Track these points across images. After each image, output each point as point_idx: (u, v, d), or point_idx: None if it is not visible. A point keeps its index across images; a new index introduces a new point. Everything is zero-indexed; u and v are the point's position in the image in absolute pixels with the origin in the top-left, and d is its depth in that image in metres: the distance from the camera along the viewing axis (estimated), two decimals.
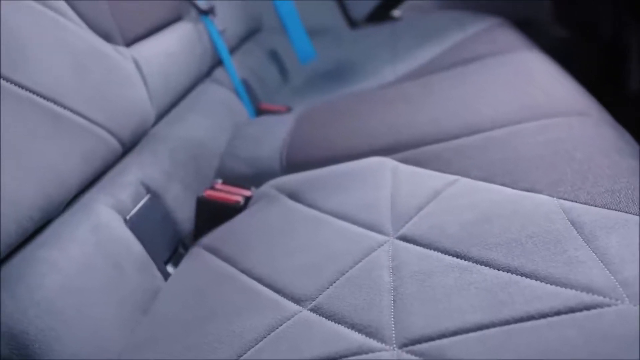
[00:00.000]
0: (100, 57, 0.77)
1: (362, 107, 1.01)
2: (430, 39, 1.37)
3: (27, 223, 0.59)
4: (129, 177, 0.79)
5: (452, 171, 0.73)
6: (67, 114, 0.68)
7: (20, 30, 0.65)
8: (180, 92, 1.02)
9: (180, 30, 1.06)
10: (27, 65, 0.64)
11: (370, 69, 1.32)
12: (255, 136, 1.01)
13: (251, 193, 0.86)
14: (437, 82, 1.04)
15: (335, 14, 1.77)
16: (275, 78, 1.44)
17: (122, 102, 0.79)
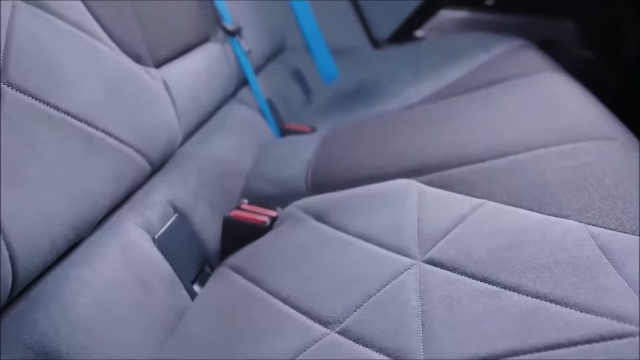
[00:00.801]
0: (131, 79, 0.78)
1: (387, 128, 1.01)
2: (453, 60, 1.37)
3: (60, 242, 0.60)
4: (157, 197, 0.80)
5: (478, 195, 0.74)
6: (99, 135, 0.69)
7: (59, 54, 0.66)
8: (207, 112, 1.03)
9: (207, 51, 1.08)
10: (63, 87, 0.65)
11: (393, 89, 1.33)
12: (281, 156, 1.02)
13: (277, 213, 0.86)
14: (462, 104, 1.04)
15: (359, 33, 1.79)
16: (298, 98, 1.45)
17: (152, 123, 0.80)
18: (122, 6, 0.82)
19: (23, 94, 0.60)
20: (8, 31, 0.61)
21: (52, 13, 0.69)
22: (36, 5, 0.67)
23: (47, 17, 0.68)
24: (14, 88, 0.59)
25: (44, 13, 0.68)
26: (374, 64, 1.59)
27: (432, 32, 1.84)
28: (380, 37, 1.80)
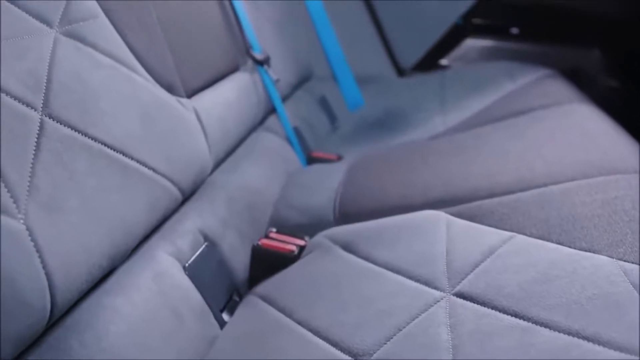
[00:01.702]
0: (165, 109, 0.80)
1: (414, 158, 1.02)
2: (479, 89, 1.38)
3: (96, 271, 0.61)
4: (188, 225, 0.81)
5: (507, 227, 0.74)
6: (134, 165, 0.70)
7: (97, 86, 0.68)
8: (236, 141, 1.05)
9: (237, 80, 1.10)
10: (100, 118, 0.67)
11: (419, 118, 1.34)
12: (308, 185, 1.02)
13: (305, 242, 0.87)
14: (489, 134, 1.04)
15: (384, 62, 1.80)
16: (325, 126, 1.46)
17: (184, 152, 0.82)
18: (156, 37, 0.84)
19: (63, 126, 0.62)
20: (50, 64, 0.63)
21: (91, 45, 0.71)
22: (76, 38, 0.69)
23: (85, 49, 0.70)
24: (55, 120, 0.61)
25: (83, 46, 0.69)
26: (399, 93, 1.60)
27: (456, 61, 1.85)
28: (405, 66, 1.81)
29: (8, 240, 0.52)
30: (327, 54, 1.62)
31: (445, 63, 1.86)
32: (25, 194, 0.55)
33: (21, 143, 0.57)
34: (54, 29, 0.66)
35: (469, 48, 1.83)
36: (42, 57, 0.63)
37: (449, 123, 1.25)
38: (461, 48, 1.83)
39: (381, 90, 1.67)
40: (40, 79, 0.61)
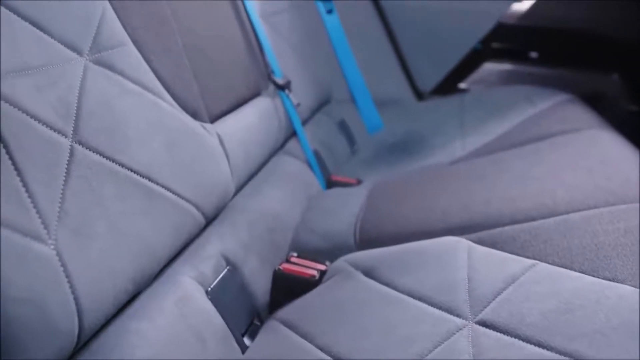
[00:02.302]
0: (189, 135, 0.81)
1: (434, 183, 1.02)
2: (498, 113, 1.38)
3: (122, 295, 0.62)
4: (210, 249, 0.82)
5: (529, 255, 0.74)
6: (159, 190, 0.72)
7: (125, 113, 0.70)
8: (258, 165, 1.06)
9: (259, 105, 1.11)
10: (127, 145, 0.68)
11: (439, 142, 1.34)
12: (329, 209, 1.03)
13: (326, 267, 0.88)
14: (510, 160, 1.05)
15: (403, 85, 1.81)
16: (344, 149, 1.47)
17: (207, 177, 0.83)
18: (182, 64, 0.86)
19: (92, 152, 0.63)
20: (80, 92, 0.65)
21: (119, 73, 0.72)
22: (105, 65, 0.70)
23: (114, 77, 0.71)
24: (85, 147, 0.63)
25: (111, 73, 0.71)
26: (418, 116, 1.61)
27: (475, 84, 1.85)
28: (424, 89, 1.82)
29: (39, 265, 0.53)
30: (347, 77, 1.64)
31: (464, 86, 1.87)
32: (56, 220, 0.56)
33: (52, 169, 0.58)
34: (84, 57, 0.68)
35: (488, 72, 1.83)
36: (72, 84, 0.65)
37: (469, 147, 1.26)
38: (480, 72, 1.84)
39: (400, 113, 1.68)
40: (70, 106, 0.63)
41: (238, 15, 1.14)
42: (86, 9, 0.70)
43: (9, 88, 0.56)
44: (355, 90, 1.65)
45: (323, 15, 1.61)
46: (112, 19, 0.74)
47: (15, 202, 0.53)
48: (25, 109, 0.57)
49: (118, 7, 0.76)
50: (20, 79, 0.58)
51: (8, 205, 0.52)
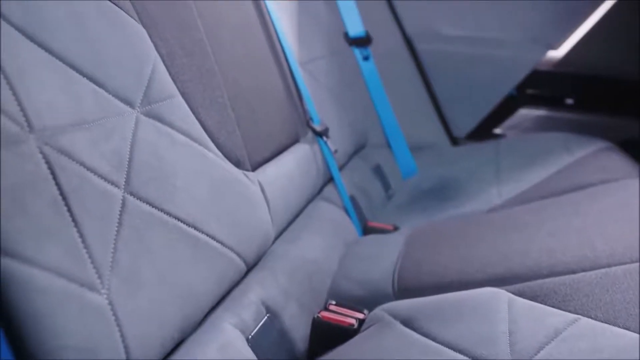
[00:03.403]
0: (232, 183, 0.83)
1: (472, 232, 1.03)
2: (535, 160, 1.39)
3: (168, 343, 0.64)
4: (251, 296, 0.83)
5: (571, 309, 0.73)
6: (204, 238, 0.73)
7: (173, 163, 0.72)
8: (297, 211, 1.08)
9: (297, 151, 1.13)
10: (175, 194, 0.71)
11: (475, 189, 1.35)
12: (367, 256, 1.04)
13: (364, 316, 0.88)
14: (548, 209, 1.04)
15: (437, 130, 1.83)
16: (379, 194, 1.48)
17: (249, 224, 0.85)
18: (226, 115, 0.89)
19: (143, 202, 0.66)
20: (132, 144, 0.67)
21: (168, 124, 0.75)
22: (155, 117, 0.73)
23: (163, 128, 0.74)
24: (136, 197, 0.65)
25: (161, 125, 0.74)
26: (453, 162, 1.61)
27: (510, 130, 1.86)
28: (459, 134, 1.83)
29: (93, 314, 0.54)
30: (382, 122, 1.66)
31: (499, 132, 1.87)
32: (109, 270, 0.58)
33: (106, 220, 0.60)
34: (135, 110, 0.71)
35: (523, 117, 1.84)
36: (125, 137, 0.67)
37: (505, 195, 1.26)
38: (515, 117, 1.84)
39: (435, 158, 1.69)
40: (123, 158, 0.65)
41: (279, 64, 1.17)
42: (139, 63, 0.74)
43: (68, 142, 0.58)
44: (391, 135, 1.66)
45: (359, 61, 1.64)
46: (162, 73, 0.77)
47: (72, 253, 0.55)
48: (82, 162, 0.59)
49: (168, 61, 0.79)
50: (78, 133, 0.60)
51: (66, 257, 0.54)
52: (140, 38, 0.75)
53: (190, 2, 0.88)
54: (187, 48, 0.84)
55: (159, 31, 0.79)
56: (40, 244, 0.52)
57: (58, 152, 0.57)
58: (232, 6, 1.04)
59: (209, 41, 0.91)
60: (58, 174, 0.56)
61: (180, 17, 0.85)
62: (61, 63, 0.62)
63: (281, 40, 1.21)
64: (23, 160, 0.53)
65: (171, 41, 0.81)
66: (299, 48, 1.33)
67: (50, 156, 0.56)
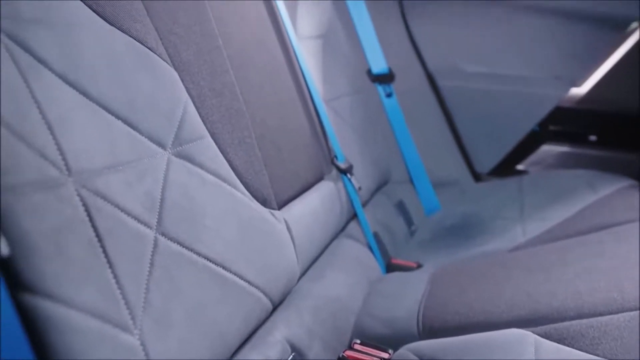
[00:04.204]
0: (260, 222, 0.85)
1: (497, 271, 1.02)
2: (559, 198, 1.38)
3: None
4: (277, 335, 0.83)
5: (599, 353, 0.73)
6: (232, 278, 0.74)
7: (203, 203, 0.73)
8: (321, 249, 1.08)
9: (322, 189, 1.14)
10: (205, 234, 0.72)
11: (498, 227, 1.34)
12: (391, 295, 1.04)
13: (389, 356, 0.88)
14: (574, 249, 1.04)
15: (460, 166, 1.83)
16: (402, 230, 1.49)
17: (275, 263, 0.86)
18: (254, 155, 0.90)
19: (173, 243, 0.67)
20: (163, 185, 0.69)
21: (198, 165, 0.76)
22: (185, 158, 0.75)
23: (194, 169, 0.75)
24: (167, 237, 0.66)
25: (191, 165, 0.75)
26: (476, 198, 1.62)
27: (533, 166, 1.86)
28: (481, 171, 1.83)
29: (125, 355, 0.55)
30: (405, 158, 1.67)
31: (522, 168, 1.87)
32: (141, 310, 0.59)
33: (139, 261, 0.61)
34: (167, 151, 0.72)
35: (546, 154, 1.84)
36: (157, 178, 0.69)
37: (529, 233, 1.25)
38: (538, 153, 1.84)
39: (458, 194, 1.69)
40: (155, 199, 0.67)
41: (304, 102, 1.19)
42: (171, 105, 0.76)
43: (103, 184, 0.60)
44: (413, 171, 1.68)
45: (382, 98, 1.66)
46: (193, 114, 0.79)
47: (107, 294, 0.56)
48: (117, 204, 0.61)
49: (198, 103, 0.81)
50: (113, 175, 0.62)
51: (101, 298, 0.55)
52: (172, 81, 0.77)
53: (220, 46, 0.90)
54: (217, 89, 0.86)
55: (190, 74, 0.82)
56: (77, 285, 0.53)
57: (94, 194, 0.58)
58: (260, 47, 1.06)
59: (238, 82, 0.93)
60: (94, 216, 0.57)
61: (211, 60, 0.87)
62: (98, 107, 0.64)
63: (306, 78, 1.23)
64: (62, 203, 0.55)
65: (202, 83, 0.83)
66: (323, 86, 1.35)
67: (87, 199, 0.57)
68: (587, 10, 1.63)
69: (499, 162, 1.81)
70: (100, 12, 0.69)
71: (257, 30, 1.08)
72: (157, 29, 0.79)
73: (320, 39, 1.43)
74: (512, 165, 1.86)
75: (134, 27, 0.73)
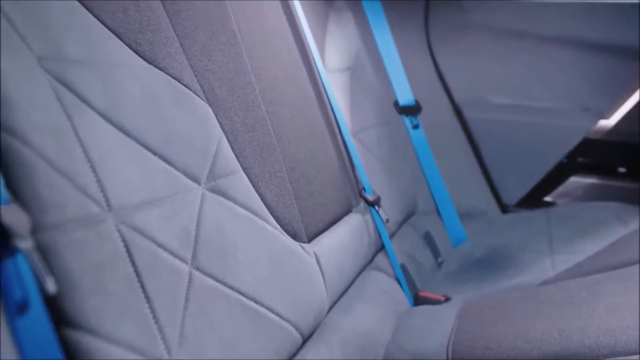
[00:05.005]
0: (290, 256, 0.86)
1: (527, 306, 1.02)
2: (589, 231, 1.37)
3: None
4: None
5: None
6: (264, 312, 0.75)
7: (235, 237, 0.75)
8: (350, 281, 1.09)
9: (350, 221, 1.15)
10: (237, 268, 0.73)
11: (527, 260, 1.33)
12: (420, 329, 1.04)
13: None
14: (605, 285, 1.03)
15: (487, 198, 1.82)
16: (429, 261, 1.48)
17: (305, 296, 0.86)
18: (285, 188, 0.91)
19: (207, 277, 0.68)
20: (198, 219, 0.70)
21: (231, 199, 0.78)
22: (219, 193, 0.76)
23: (227, 203, 0.77)
24: (201, 272, 0.67)
25: (224, 200, 0.77)
26: (504, 230, 1.61)
27: (561, 198, 1.84)
28: (509, 202, 1.82)
29: None
30: (431, 189, 1.67)
31: (550, 200, 1.86)
32: (177, 344, 0.60)
33: (175, 296, 0.63)
34: (201, 186, 0.74)
35: (574, 185, 1.82)
36: (192, 212, 0.70)
37: (559, 267, 1.24)
38: (566, 185, 1.83)
39: (485, 226, 1.68)
40: (190, 233, 0.68)
41: (332, 135, 1.21)
42: (205, 140, 0.77)
43: (141, 220, 0.61)
44: (440, 203, 1.67)
45: (409, 130, 1.67)
46: (226, 149, 0.81)
47: (145, 329, 0.57)
48: (154, 239, 0.62)
49: (232, 138, 0.83)
50: (150, 210, 0.64)
51: (139, 332, 0.56)
52: (207, 117, 0.79)
53: (252, 82, 0.92)
54: (249, 125, 0.88)
55: (224, 110, 0.84)
56: (116, 320, 0.54)
57: (133, 230, 0.60)
58: (291, 82, 1.08)
59: (269, 117, 0.94)
60: (133, 251, 0.59)
61: (244, 95, 0.89)
62: (136, 144, 0.65)
63: (335, 111, 1.25)
64: (102, 239, 0.56)
65: (235, 119, 0.85)
66: (351, 118, 1.36)
67: (126, 234, 0.59)
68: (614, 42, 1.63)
69: (526, 193, 1.80)
70: (140, 52, 0.71)
71: (287, 64, 1.10)
72: (192, 66, 0.81)
73: (348, 71, 1.45)
74: (540, 197, 1.85)
75: (171, 65, 0.75)
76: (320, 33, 1.38)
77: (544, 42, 1.71)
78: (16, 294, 0.45)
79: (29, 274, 0.46)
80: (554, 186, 1.84)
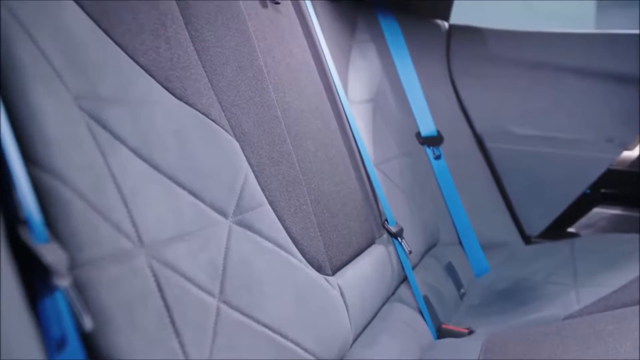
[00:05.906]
0: (315, 289, 0.86)
1: (552, 341, 1.01)
2: (613, 263, 1.36)
3: None
4: None
5: None
6: (289, 345, 0.76)
7: (261, 271, 0.75)
8: (373, 314, 1.08)
9: (373, 253, 1.15)
10: (263, 301, 0.74)
11: (551, 293, 1.32)
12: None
13: None
14: (631, 320, 1.01)
15: (509, 228, 1.81)
16: (452, 293, 1.47)
17: (330, 329, 0.86)
18: (309, 221, 0.92)
19: (234, 310, 0.69)
20: (225, 253, 0.71)
21: (257, 232, 0.79)
22: (245, 226, 0.77)
23: (253, 236, 0.78)
24: (228, 305, 0.68)
25: (250, 233, 0.78)
26: (527, 262, 1.59)
27: (585, 229, 1.83)
28: (531, 233, 1.81)
29: None
30: (454, 220, 1.67)
31: (573, 231, 1.85)
32: None
33: (203, 330, 0.63)
34: (228, 220, 0.75)
35: (598, 216, 1.81)
36: (219, 246, 0.71)
37: (584, 300, 1.23)
38: (589, 216, 1.82)
39: (507, 257, 1.67)
40: (217, 267, 0.69)
41: (356, 167, 1.22)
42: (232, 174, 0.79)
43: (171, 255, 0.63)
44: (462, 233, 1.67)
45: (431, 160, 1.67)
46: (252, 183, 0.82)
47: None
48: (183, 274, 0.63)
49: (258, 171, 0.84)
50: (179, 245, 0.65)
51: None
52: (234, 151, 0.81)
53: (279, 116, 0.94)
54: (275, 158, 0.89)
55: (250, 144, 0.85)
56: (147, 355, 0.55)
57: (163, 265, 0.61)
58: (315, 115, 1.09)
59: (295, 150, 0.96)
60: (163, 286, 0.60)
61: (270, 129, 0.91)
62: (167, 179, 0.67)
63: (358, 143, 1.26)
64: (134, 275, 0.57)
65: (261, 152, 0.87)
66: (373, 149, 1.37)
67: (157, 270, 0.60)
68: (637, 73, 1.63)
69: (549, 224, 1.79)
70: (170, 88, 0.73)
71: (311, 97, 1.11)
72: (220, 101, 0.82)
73: (370, 102, 1.46)
74: (563, 228, 1.84)
75: (200, 101, 0.77)
76: (344, 65, 1.40)
77: (566, 72, 1.72)
78: (55, 331, 0.46)
79: (67, 311, 0.47)
80: (577, 217, 1.83)
